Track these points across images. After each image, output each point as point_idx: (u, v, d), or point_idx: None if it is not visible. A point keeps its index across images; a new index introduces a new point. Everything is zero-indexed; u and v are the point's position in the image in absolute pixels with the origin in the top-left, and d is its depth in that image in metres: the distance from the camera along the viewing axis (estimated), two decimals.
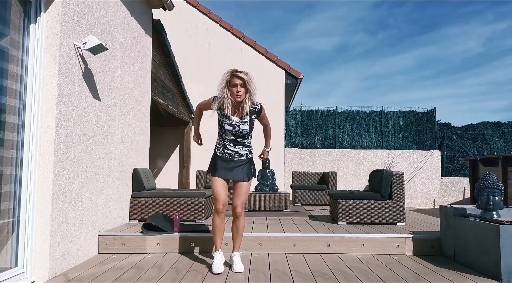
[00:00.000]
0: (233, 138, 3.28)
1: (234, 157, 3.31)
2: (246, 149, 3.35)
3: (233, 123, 3.23)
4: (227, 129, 3.24)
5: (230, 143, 3.30)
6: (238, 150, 3.31)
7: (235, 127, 3.23)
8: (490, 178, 3.55)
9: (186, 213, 4.82)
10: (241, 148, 3.32)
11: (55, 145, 3.09)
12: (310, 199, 7.78)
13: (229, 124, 3.23)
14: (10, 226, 2.86)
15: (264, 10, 46.86)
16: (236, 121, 3.23)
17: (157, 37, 6.13)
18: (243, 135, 3.28)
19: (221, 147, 3.34)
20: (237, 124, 3.23)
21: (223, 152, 3.33)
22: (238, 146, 3.30)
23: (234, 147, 3.30)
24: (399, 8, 44.64)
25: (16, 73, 2.91)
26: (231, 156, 3.31)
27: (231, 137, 3.28)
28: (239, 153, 3.31)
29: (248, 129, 3.26)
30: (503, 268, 3.07)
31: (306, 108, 10.70)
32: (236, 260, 3.32)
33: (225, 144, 3.31)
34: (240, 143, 3.31)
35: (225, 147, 3.31)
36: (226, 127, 3.24)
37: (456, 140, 10.85)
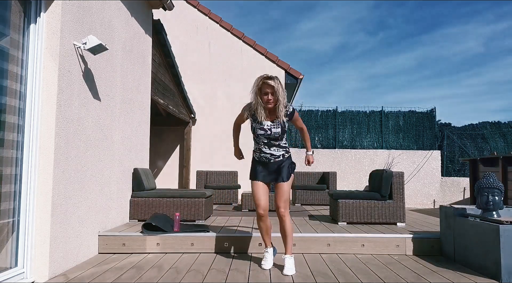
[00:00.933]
0: (267, 141, 3.36)
1: (271, 159, 3.39)
2: (282, 149, 3.40)
3: (264, 127, 3.31)
4: (260, 133, 3.32)
5: (265, 146, 3.37)
6: (273, 152, 3.37)
7: (267, 131, 3.30)
8: (490, 178, 3.55)
9: (186, 213, 4.82)
10: (276, 150, 3.37)
11: (55, 145, 3.09)
12: (310, 199, 7.78)
13: (261, 129, 3.31)
14: (10, 226, 2.86)
15: (264, 10, 46.84)
16: (267, 125, 3.31)
17: (157, 37, 6.13)
18: (276, 138, 3.34)
19: (257, 151, 3.43)
20: (268, 128, 3.30)
21: (259, 156, 3.42)
22: (273, 147, 3.37)
23: (269, 149, 3.37)
24: (399, 8, 44.63)
25: (16, 73, 2.91)
26: (267, 159, 3.39)
27: (264, 141, 3.36)
28: (274, 155, 3.38)
29: (280, 132, 3.32)
30: (503, 268, 3.07)
31: (306, 108, 10.70)
32: (287, 263, 3.26)
33: (260, 148, 3.39)
34: (275, 145, 3.37)
35: (261, 150, 3.40)
36: (259, 131, 3.32)
37: (456, 141, 10.85)
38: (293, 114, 3.35)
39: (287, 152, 3.44)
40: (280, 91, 3.21)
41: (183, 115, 8.71)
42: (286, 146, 3.44)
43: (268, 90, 3.18)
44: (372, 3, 44.25)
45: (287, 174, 3.39)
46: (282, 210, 3.34)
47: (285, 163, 3.41)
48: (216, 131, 9.79)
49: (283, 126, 3.32)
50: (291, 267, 3.25)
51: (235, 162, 8.92)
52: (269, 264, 3.37)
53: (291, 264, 3.26)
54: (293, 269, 3.25)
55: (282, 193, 3.36)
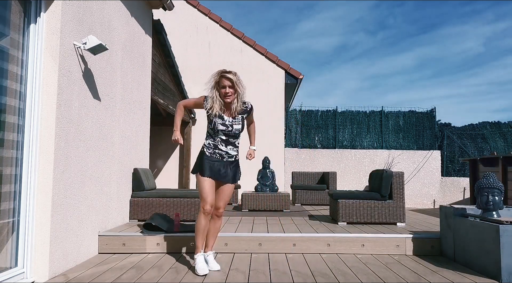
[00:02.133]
0: (225, 139, 3.27)
1: (224, 158, 3.30)
2: (236, 149, 3.36)
3: (226, 123, 3.23)
4: (220, 129, 3.23)
5: (222, 143, 3.28)
6: (228, 150, 3.30)
7: (228, 127, 3.23)
8: (490, 178, 3.55)
9: (186, 213, 4.82)
10: (231, 149, 3.31)
11: (55, 145, 3.09)
12: (310, 199, 7.77)
13: (222, 124, 3.23)
14: (10, 226, 2.86)
15: (264, 10, 46.87)
16: (229, 121, 3.24)
17: (157, 37, 6.13)
18: (235, 135, 3.29)
19: (211, 146, 3.29)
20: (230, 124, 3.24)
21: (213, 152, 3.29)
22: (229, 146, 3.30)
23: (226, 147, 3.29)
24: (399, 8, 44.70)
25: (16, 73, 2.91)
26: (221, 156, 3.29)
27: (222, 137, 3.27)
28: (229, 154, 3.31)
29: (240, 129, 3.27)
30: (503, 268, 3.07)
31: (306, 108, 10.70)
32: (211, 259, 3.34)
33: (216, 144, 3.28)
34: (231, 143, 3.31)
35: (216, 146, 3.28)
36: (219, 127, 3.22)
37: (456, 141, 10.85)
38: (251, 111, 3.34)
39: (237, 153, 3.39)
40: (239, 84, 3.15)
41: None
42: (238, 147, 3.39)
43: (226, 83, 3.13)
44: (372, 3, 44.33)
45: (235, 176, 3.35)
46: (221, 211, 3.36)
47: (235, 165, 3.37)
48: None
49: (243, 122, 3.29)
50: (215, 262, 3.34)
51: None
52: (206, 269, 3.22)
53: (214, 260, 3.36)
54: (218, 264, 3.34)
55: (226, 195, 3.34)
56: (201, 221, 3.25)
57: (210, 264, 3.31)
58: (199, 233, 3.27)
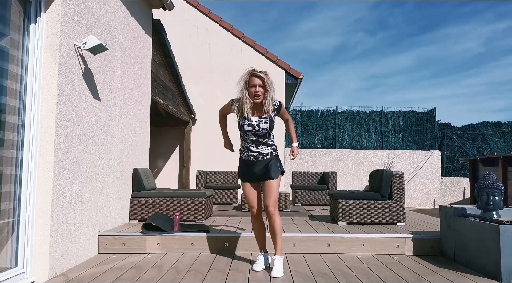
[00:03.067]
0: (254, 139, 3.24)
1: (258, 158, 3.27)
2: (269, 147, 3.30)
3: (252, 123, 3.19)
4: (247, 130, 3.20)
5: (252, 144, 3.25)
6: (260, 150, 3.26)
7: (255, 127, 3.19)
8: (490, 178, 3.55)
9: (186, 213, 4.82)
10: (263, 148, 3.27)
11: (55, 145, 3.09)
12: (310, 199, 7.77)
13: (249, 125, 3.19)
14: (10, 226, 2.86)
15: (263, 10, 46.82)
16: (255, 121, 3.19)
17: (157, 37, 6.13)
18: (264, 135, 3.23)
19: (244, 149, 3.30)
20: (256, 124, 3.19)
21: (247, 155, 3.29)
22: (261, 146, 3.26)
23: (257, 147, 3.25)
24: (399, 8, 44.60)
25: (16, 73, 2.91)
26: (255, 158, 3.27)
27: (252, 138, 3.24)
28: (262, 153, 3.26)
29: (268, 127, 3.20)
30: (503, 268, 3.07)
31: (306, 108, 10.70)
32: (276, 264, 3.20)
33: (248, 146, 3.27)
34: (262, 143, 3.26)
35: (248, 149, 3.27)
36: (246, 128, 3.19)
37: (456, 141, 10.85)
38: (280, 108, 3.27)
39: (274, 150, 3.34)
40: (270, 83, 3.12)
41: (183, 115, 8.70)
42: (273, 143, 3.33)
43: (256, 82, 3.09)
44: (372, 3, 44.26)
45: (275, 171, 3.28)
46: (271, 209, 3.23)
47: (273, 161, 3.30)
48: (216, 131, 9.77)
49: (271, 121, 3.22)
50: (280, 269, 3.16)
51: (235, 162, 8.92)
52: (260, 266, 3.29)
53: (280, 265, 3.19)
54: (281, 271, 3.16)
55: (271, 191, 3.26)
56: (253, 224, 3.43)
57: (274, 268, 3.17)
58: (255, 235, 3.46)
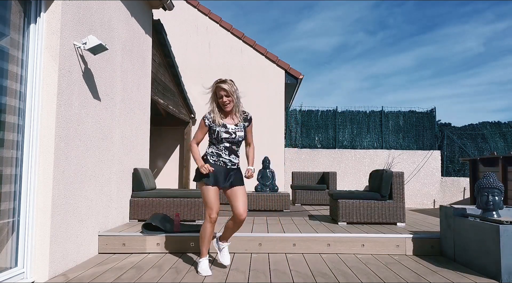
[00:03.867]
0: (229, 146, 3.29)
1: (228, 165, 3.30)
2: (237, 158, 3.37)
3: (229, 130, 3.26)
4: (224, 137, 3.25)
5: (226, 151, 3.28)
6: (232, 159, 3.31)
7: (232, 134, 3.26)
8: (490, 178, 3.55)
9: (186, 213, 4.82)
10: (234, 157, 3.32)
11: (55, 145, 3.09)
12: (310, 199, 7.77)
13: (226, 132, 3.25)
14: (10, 226, 2.86)
15: (263, 10, 46.85)
16: (232, 129, 3.27)
17: (157, 37, 6.13)
18: (238, 143, 3.32)
19: (215, 155, 3.29)
20: (233, 131, 3.26)
21: (217, 160, 3.28)
22: (232, 155, 3.31)
23: (229, 155, 3.29)
24: (399, 7, 44.62)
25: (16, 73, 2.91)
26: (225, 164, 3.29)
27: (226, 145, 3.28)
28: (232, 162, 3.31)
29: (243, 136, 3.31)
30: (503, 268, 3.07)
31: (306, 108, 10.70)
32: (225, 251, 3.44)
33: (220, 153, 3.28)
34: (234, 151, 3.32)
35: (220, 155, 3.28)
36: (223, 135, 3.24)
37: (456, 141, 10.85)
38: (251, 120, 3.39)
39: (239, 162, 3.40)
40: (234, 92, 3.22)
41: (183, 115, 8.70)
42: (239, 156, 3.39)
43: (222, 93, 3.20)
44: (372, 3, 44.25)
45: (241, 179, 3.35)
46: (245, 217, 3.26)
47: (239, 170, 3.38)
48: None
49: (245, 130, 3.32)
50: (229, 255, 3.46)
51: None
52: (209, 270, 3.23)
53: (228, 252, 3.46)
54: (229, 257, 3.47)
55: (242, 196, 3.27)
56: (207, 229, 3.25)
57: (223, 254, 3.42)
58: (204, 240, 3.27)
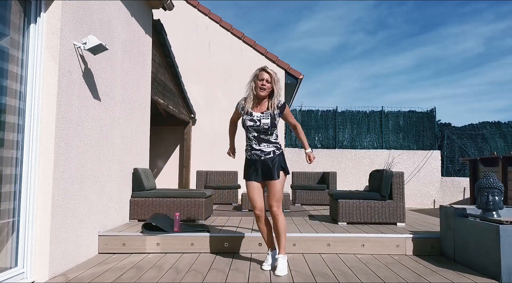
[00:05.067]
0: (257, 135, 3.28)
1: (261, 157, 3.29)
2: (272, 145, 3.31)
3: (254, 118, 3.26)
4: (249, 125, 3.26)
5: (255, 140, 3.29)
6: (263, 148, 3.28)
7: (256, 122, 3.25)
8: (490, 178, 3.55)
9: (186, 213, 4.82)
10: (266, 146, 3.29)
11: (55, 145, 3.09)
12: (310, 199, 7.77)
13: (250, 120, 3.26)
14: (10, 226, 2.86)
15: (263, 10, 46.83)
16: (257, 116, 3.26)
17: (157, 37, 6.13)
18: (265, 131, 3.26)
19: (248, 148, 3.35)
20: (258, 119, 3.25)
21: (250, 153, 3.34)
22: (263, 143, 3.29)
23: (259, 145, 3.29)
24: (399, 7, 44.59)
25: (16, 73, 2.91)
26: (258, 156, 3.30)
27: (254, 134, 3.29)
28: (264, 151, 3.28)
29: (269, 123, 3.23)
30: (503, 268, 3.07)
31: (306, 108, 10.71)
32: (279, 263, 3.22)
33: (251, 144, 3.32)
34: (264, 140, 3.29)
35: (252, 147, 3.31)
36: (248, 123, 3.26)
37: (456, 141, 10.85)
38: (284, 107, 3.32)
39: (278, 149, 3.35)
40: (276, 83, 3.24)
41: (183, 115, 8.71)
42: (277, 141, 3.36)
43: (264, 76, 3.21)
44: (372, 3, 44.20)
45: (278, 172, 3.31)
46: (275, 209, 3.29)
47: (276, 160, 3.31)
48: (216, 132, 9.79)
49: (273, 118, 3.25)
50: (284, 268, 3.20)
51: (235, 162, 8.92)
52: (267, 266, 3.35)
53: (284, 265, 3.22)
54: (285, 270, 3.19)
55: (274, 192, 3.30)
56: (258, 225, 3.43)
57: (278, 266, 3.21)
58: (262, 235, 3.45)
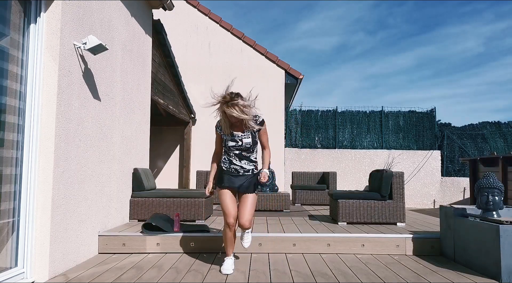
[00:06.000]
0: (238, 153, 3.26)
1: (240, 172, 3.28)
2: (252, 164, 3.32)
3: (235, 138, 3.22)
4: (231, 145, 3.23)
5: (236, 157, 3.27)
6: (243, 165, 3.28)
7: (238, 141, 3.22)
8: (490, 178, 3.55)
9: (186, 213, 4.82)
10: (246, 163, 3.29)
11: (55, 145, 3.09)
12: (310, 199, 7.77)
13: (232, 140, 3.23)
14: (10, 226, 2.86)
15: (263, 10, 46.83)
16: (238, 136, 3.22)
17: (157, 37, 6.13)
18: (247, 149, 3.26)
19: (227, 162, 3.31)
20: (239, 139, 3.22)
21: (229, 167, 3.30)
22: (244, 160, 3.28)
23: (240, 161, 3.27)
24: (399, 7, 44.58)
25: (16, 73, 2.91)
26: (236, 171, 3.28)
27: (236, 152, 3.26)
28: (244, 168, 3.28)
29: (251, 142, 3.23)
30: (503, 268, 3.07)
31: (306, 108, 10.70)
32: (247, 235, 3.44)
33: (231, 159, 3.28)
34: (245, 157, 3.28)
35: (231, 162, 3.28)
36: (229, 143, 3.23)
37: (456, 141, 10.85)
38: (262, 124, 3.25)
39: (256, 168, 3.35)
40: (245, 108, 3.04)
41: (183, 115, 8.70)
42: (256, 161, 3.35)
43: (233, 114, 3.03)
44: (372, 3, 44.19)
45: (254, 186, 3.31)
46: (248, 225, 3.26)
47: (253, 177, 3.31)
48: None
49: (254, 136, 3.23)
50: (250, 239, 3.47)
51: None
52: (231, 269, 3.25)
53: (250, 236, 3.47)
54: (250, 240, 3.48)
55: (248, 206, 3.25)
56: (227, 233, 3.31)
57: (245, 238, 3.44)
58: (226, 244, 3.35)
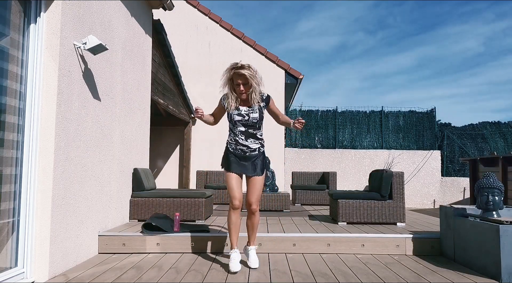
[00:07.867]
0: (244, 130, 3.24)
1: (246, 152, 3.27)
2: (258, 142, 3.30)
3: (242, 112, 3.22)
4: (237, 120, 3.22)
5: (242, 136, 3.24)
6: (249, 144, 3.26)
7: (245, 116, 3.21)
8: (490, 178, 3.55)
9: (186, 213, 4.82)
10: (252, 141, 3.27)
11: (55, 145, 3.09)
12: (310, 199, 7.78)
13: (238, 114, 3.22)
14: (10, 226, 2.86)
15: (263, 10, 46.85)
16: (245, 111, 3.22)
17: (157, 37, 6.13)
18: (254, 125, 3.24)
19: (233, 142, 3.30)
20: (246, 113, 3.21)
21: (235, 148, 3.29)
22: (250, 139, 3.26)
23: (246, 140, 3.25)
24: (399, 7, 44.60)
25: (16, 73, 2.91)
26: (243, 151, 3.27)
27: (241, 129, 3.24)
28: (250, 148, 3.27)
29: (257, 117, 3.22)
30: (503, 268, 3.07)
31: (306, 108, 10.71)
32: (252, 255, 3.36)
33: (237, 139, 3.27)
34: (252, 135, 3.26)
35: (237, 141, 3.27)
36: (236, 117, 3.22)
37: (456, 141, 10.85)
38: (269, 99, 3.29)
39: (262, 146, 3.35)
40: (254, 77, 3.10)
41: (183, 115, 8.71)
42: (262, 138, 3.34)
43: (239, 81, 3.10)
44: (372, 3, 44.26)
45: (262, 168, 3.31)
46: (255, 207, 3.28)
47: (261, 157, 3.33)
48: (216, 131, 9.79)
49: (261, 111, 3.24)
50: (256, 259, 3.35)
51: None
52: (238, 266, 3.22)
53: (255, 255, 3.37)
54: (257, 261, 3.34)
55: (256, 188, 3.28)
56: (231, 217, 3.30)
57: (250, 258, 3.35)
58: (230, 229, 3.33)
